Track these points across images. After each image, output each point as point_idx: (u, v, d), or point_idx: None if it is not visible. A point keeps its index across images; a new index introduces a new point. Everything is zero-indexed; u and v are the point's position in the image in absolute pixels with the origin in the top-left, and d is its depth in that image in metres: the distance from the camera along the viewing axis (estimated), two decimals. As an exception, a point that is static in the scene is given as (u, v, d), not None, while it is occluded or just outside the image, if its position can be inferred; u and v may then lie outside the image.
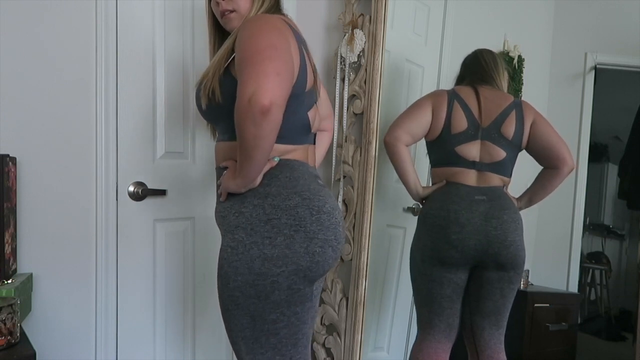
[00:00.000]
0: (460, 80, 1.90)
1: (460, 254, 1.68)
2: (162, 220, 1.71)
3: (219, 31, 1.30)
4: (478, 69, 1.85)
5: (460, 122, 1.75)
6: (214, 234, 1.82)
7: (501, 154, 1.76)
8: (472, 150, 1.75)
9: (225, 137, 1.18)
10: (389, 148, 1.78)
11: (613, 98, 3.74)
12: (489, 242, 1.67)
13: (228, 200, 1.15)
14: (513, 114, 1.76)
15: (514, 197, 1.87)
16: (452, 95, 1.78)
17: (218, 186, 1.20)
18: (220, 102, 1.10)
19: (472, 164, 1.76)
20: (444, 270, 1.72)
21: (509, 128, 1.75)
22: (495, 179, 1.77)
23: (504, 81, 1.86)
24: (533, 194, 1.89)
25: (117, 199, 1.60)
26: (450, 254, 1.69)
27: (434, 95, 1.81)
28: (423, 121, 1.77)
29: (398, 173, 1.81)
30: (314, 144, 1.32)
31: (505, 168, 1.79)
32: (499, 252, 1.68)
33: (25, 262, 1.43)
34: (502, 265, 1.70)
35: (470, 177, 1.76)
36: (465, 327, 1.82)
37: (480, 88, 1.79)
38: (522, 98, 3.06)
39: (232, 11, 1.21)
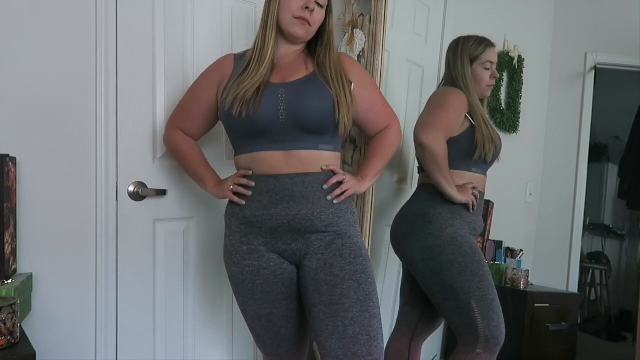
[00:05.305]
0: None
1: None
2: (162, 220, 1.71)
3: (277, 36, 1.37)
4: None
5: None
6: (214, 234, 1.82)
7: None
8: None
9: (330, 148, 1.34)
10: (430, 151, 1.62)
11: (613, 98, 3.74)
12: None
13: (343, 202, 1.34)
14: None
15: None
16: None
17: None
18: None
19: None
20: None
21: None
22: None
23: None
24: None
25: (117, 199, 1.59)
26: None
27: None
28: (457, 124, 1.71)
29: (440, 175, 1.65)
30: None
31: None
32: None
33: (25, 262, 1.43)
34: None
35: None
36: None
37: None
38: (522, 98, 3.06)
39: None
